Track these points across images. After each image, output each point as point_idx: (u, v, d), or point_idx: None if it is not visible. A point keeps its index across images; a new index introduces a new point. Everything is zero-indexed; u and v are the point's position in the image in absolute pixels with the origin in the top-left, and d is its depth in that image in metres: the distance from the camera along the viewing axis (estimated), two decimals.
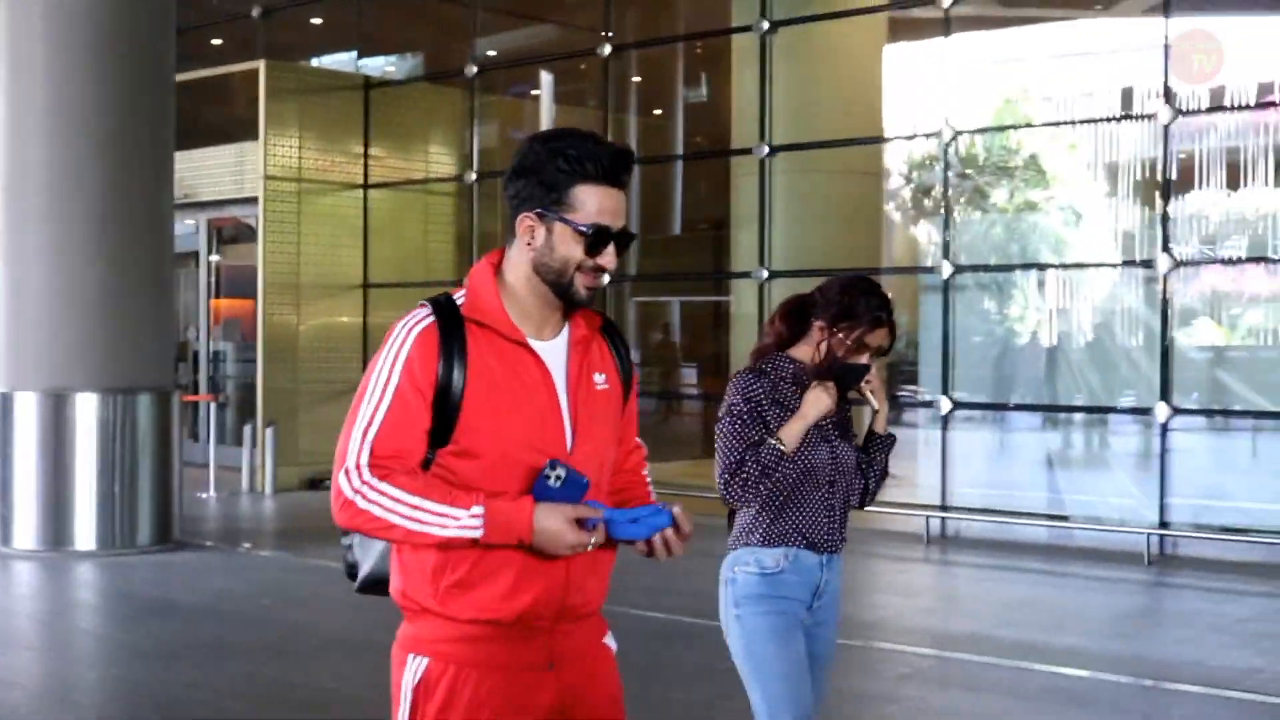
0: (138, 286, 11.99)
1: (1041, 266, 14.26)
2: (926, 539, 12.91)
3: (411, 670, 2.87)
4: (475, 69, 16.90)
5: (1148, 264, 12.55)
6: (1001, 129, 17.05)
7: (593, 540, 2.78)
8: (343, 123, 17.30)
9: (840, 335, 4.15)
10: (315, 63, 19.88)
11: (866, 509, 4.59)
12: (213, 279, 17.85)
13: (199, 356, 18.22)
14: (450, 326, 2.84)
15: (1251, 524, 11.75)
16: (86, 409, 11.72)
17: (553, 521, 2.73)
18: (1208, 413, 12.94)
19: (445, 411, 2.82)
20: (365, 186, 17.38)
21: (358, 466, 2.77)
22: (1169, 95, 12.03)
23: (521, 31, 19.69)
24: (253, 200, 16.45)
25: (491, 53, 19.54)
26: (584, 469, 2.86)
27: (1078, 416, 13.75)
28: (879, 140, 15.14)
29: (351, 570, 3.10)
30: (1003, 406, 14.04)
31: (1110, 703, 7.66)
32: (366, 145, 17.44)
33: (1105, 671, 8.09)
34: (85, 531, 11.75)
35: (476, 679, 2.84)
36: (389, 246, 17.49)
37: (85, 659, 8.91)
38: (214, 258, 17.97)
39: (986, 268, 14.62)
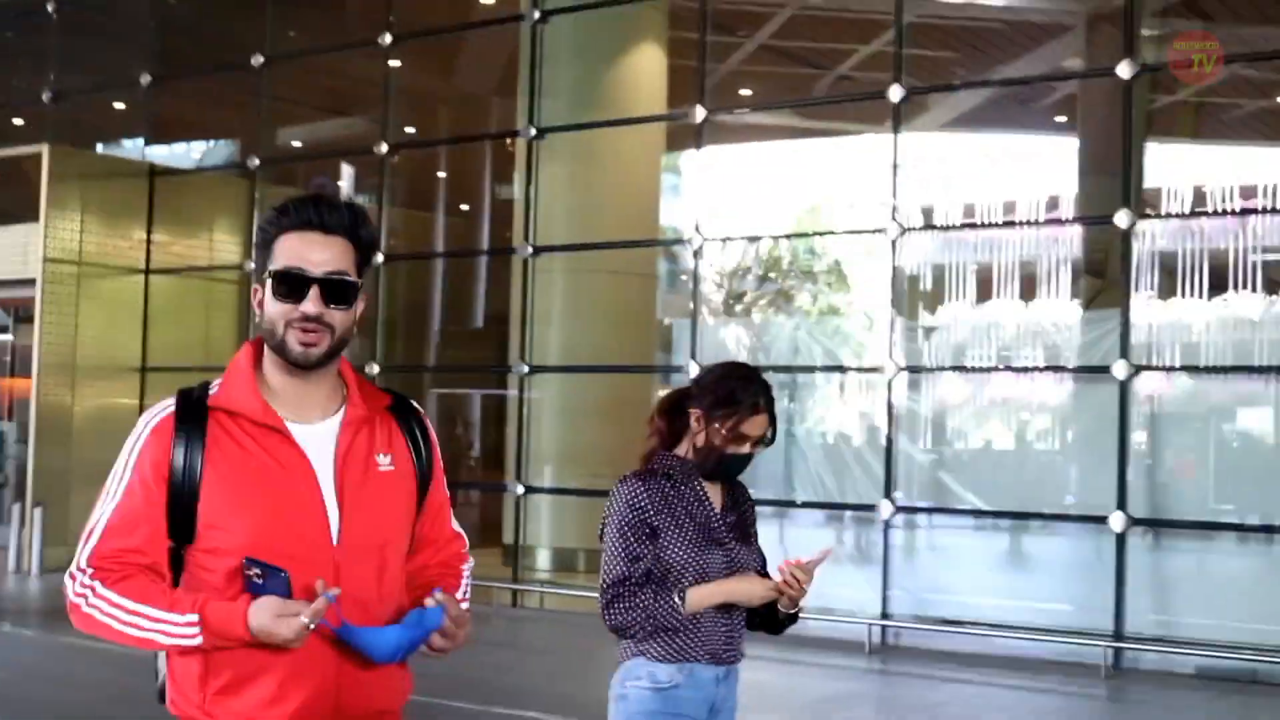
0: None
1: (776, 369, 14.42)
2: None
3: None
4: (257, 161, 16.86)
5: (876, 369, 12.82)
6: (749, 238, 17.36)
7: (310, 625, 2.50)
8: (127, 208, 17.11)
9: (718, 425, 3.85)
10: (102, 149, 19.71)
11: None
12: (6, 358, 17.54)
13: None
14: (190, 416, 2.64)
15: (967, 615, 11.95)
16: None
17: (261, 618, 2.51)
18: (928, 510, 13.17)
19: (182, 505, 2.61)
20: (147, 271, 17.18)
21: (80, 569, 2.59)
22: (894, 212, 12.37)
23: (327, 124, 19.71)
24: (33, 281, 16.12)
25: (297, 144, 19.55)
26: (357, 558, 2.67)
27: (813, 513, 13.82)
28: (634, 244, 15.27)
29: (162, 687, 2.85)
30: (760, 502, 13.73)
31: None
32: (150, 231, 17.25)
33: None
34: None
35: None
36: (169, 330, 17.26)
37: None
38: (5, 337, 17.69)
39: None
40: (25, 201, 16.28)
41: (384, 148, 15.61)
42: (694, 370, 13.27)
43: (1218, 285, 12.56)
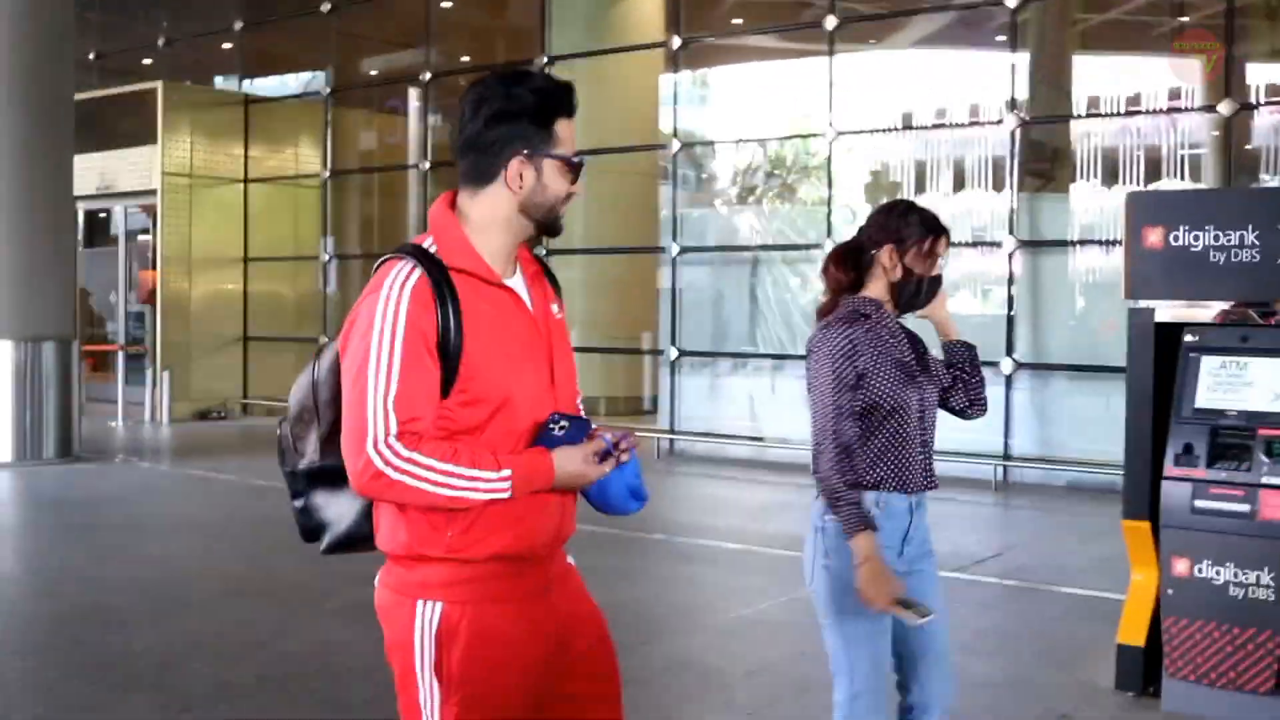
0: (44, 260, 13.40)
1: (749, 248, 15.83)
2: (656, 454, 14.78)
3: (425, 617, 2.57)
4: (328, 89, 18.63)
5: (816, 246, 14.33)
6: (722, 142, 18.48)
7: (608, 467, 2.59)
8: (227, 131, 18.78)
9: (914, 251, 3.65)
10: (206, 84, 21.11)
11: None
12: (149, 254, 18.90)
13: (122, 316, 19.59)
14: (439, 279, 2.52)
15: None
16: (3, 353, 13.21)
17: (573, 465, 2.54)
18: None
19: (446, 362, 2.50)
20: (245, 181, 18.92)
21: (386, 438, 2.45)
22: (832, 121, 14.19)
23: (402, 54, 20.21)
24: (155, 191, 17.99)
25: (373, 71, 21.08)
26: (564, 397, 2.68)
27: (772, 362, 15.10)
28: (626, 149, 16.22)
29: (311, 532, 2.78)
30: (717, 354, 15.45)
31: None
32: (246, 149, 18.95)
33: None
34: (3, 448, 13.25)
35: (494, 615, 2.58)
36: (264, 229, 18.94)
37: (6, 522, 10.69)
38: (144, 237, 19.20)
39: (703, 248, 15.73)
40: (147, 128, 18.03)
41: (427, 76, 17.30)
42: (674, 251, 15.09)
43: (1152, 175, 14.04)
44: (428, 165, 17.72)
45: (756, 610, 7.58)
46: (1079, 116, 14.53)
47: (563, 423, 2.59)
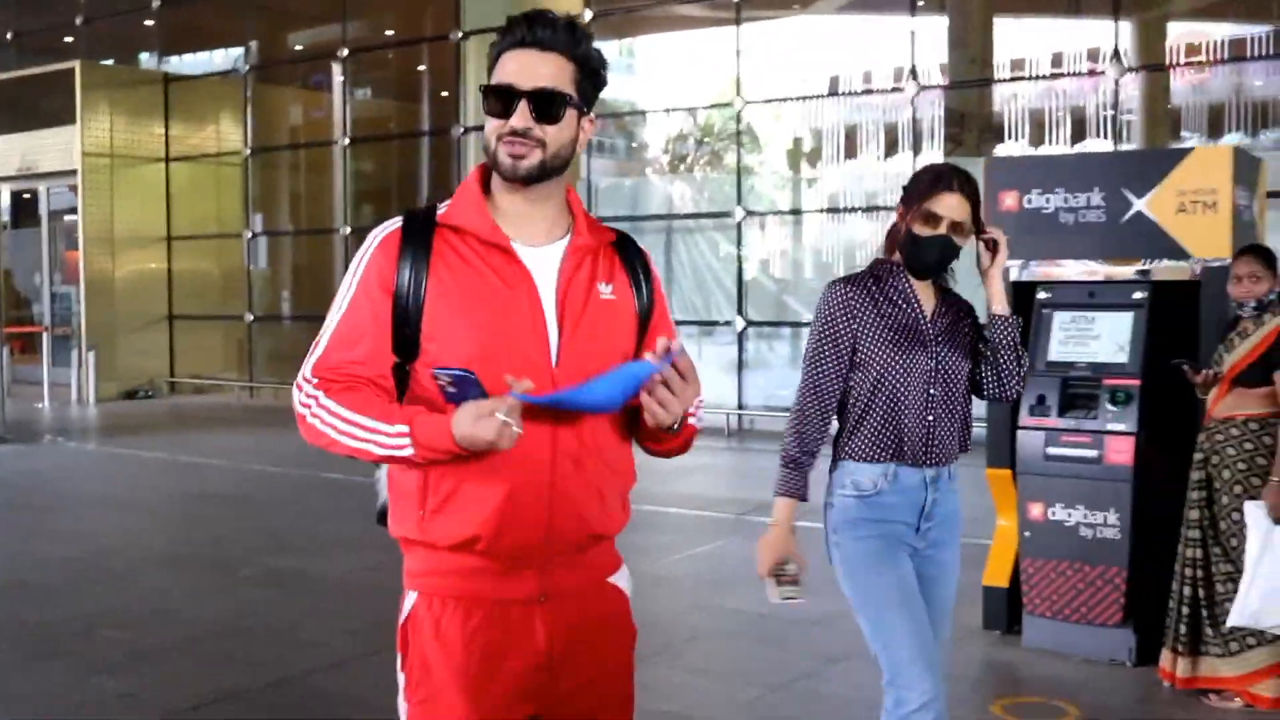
0: None
1: (660, 217, 16.28)
2: None
3: (404, 606, 2.42)
4: (246, 66, 18.70)
5: (727, 214, 14.84)
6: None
7: (515, 427, 2.17)
8: (147, 109, 18.85)
9: (913, 210, 3.45)
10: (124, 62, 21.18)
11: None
12: (77, 235, 18.78)
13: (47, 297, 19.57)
14: (416, 232, 2.36)
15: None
16: None
17: (461, 425, 2.19)
18: (773, 324, 15.14)
19: (408, 320, 2.32)
20: (166, 160, 19.00)
21: (305, 379, 2.34)
22: (738, 88, 14.46)
23: (329, 28, 19.85)
24: (76, 172, 18.04)
25: (298, 47, 21.04)
26: (574, 380, 2.32)
27: (687, 328, 15.24)
28: None
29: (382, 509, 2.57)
30: None
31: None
32: (167, 127, 19.00)
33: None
34: None
35: (462, 613, 2.34)
36: (187, 207, 19.06)
37: None
38: (70, 217, 19.13)
39: (618, 218, 15.56)
40: (67, 107, 18.03)
41: (344, 52, 17.53)
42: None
43: (1078, 135, 14.40)
44: (348, 140, 17.89)
45: (658, 566, 7.89)
46: (984, 82, 14.90)
47: (445, 378, 2.26)
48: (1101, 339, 5.71)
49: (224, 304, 18.88)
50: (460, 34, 16.32)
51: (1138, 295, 5.66)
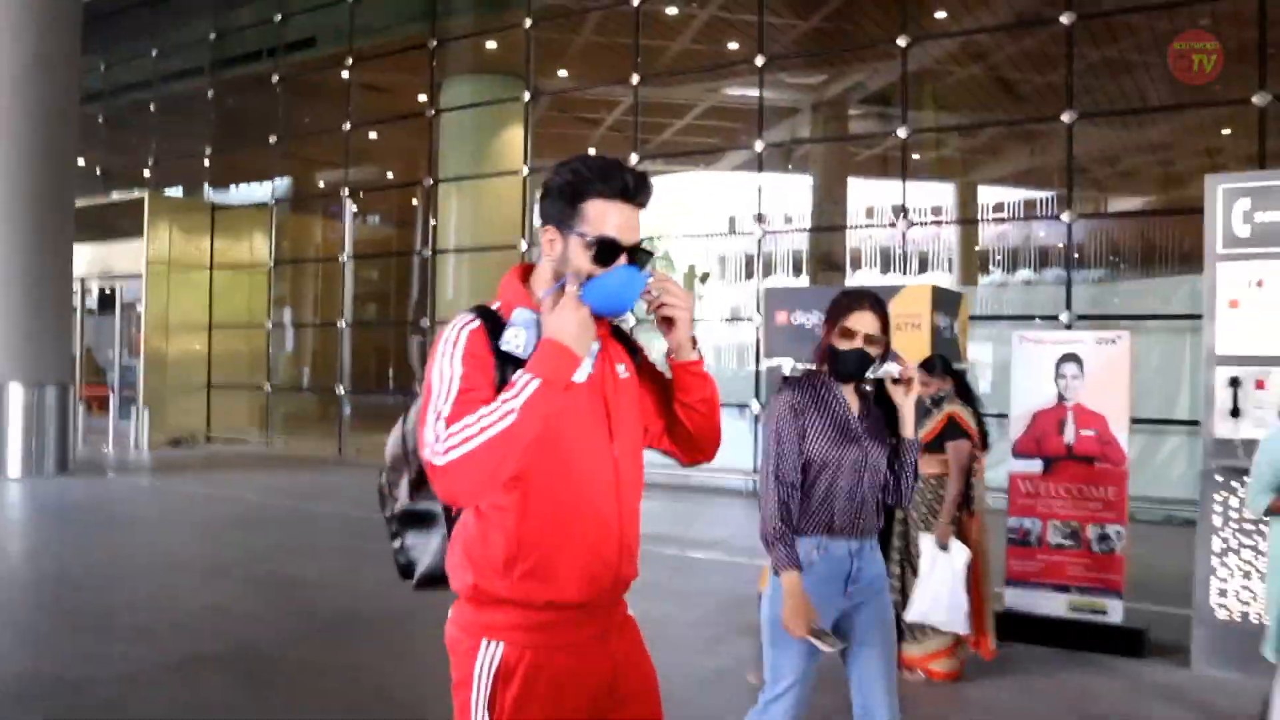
0: (45, 324, 13.64)
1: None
2: None
3: (486, 656, 2.13)
4: (274, 200, 18.97)
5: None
6: None
7: (572, 289, 2.07)
8: (197, 229, 19.11)
9: (831, 325, 3.31)
10: (181, 193, 21.36)
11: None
12: (139, 322, 18.93)
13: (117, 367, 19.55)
14: (495, 329, 2.12)
15: None
16: (17, 393, 13.44)
17: (556, 325, 2.04)
18: None
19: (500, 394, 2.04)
20: (211, 268, 19.23)
21: (435, 438, 2.00)
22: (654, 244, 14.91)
23: (337, 171, 20.87)
24: (140, 275, 18.29)
25: (320, 184, 21.32)
26: (624, 455, 2.18)
27: None
28: (490, 248, 16.69)
29: (405, 570, 2.37)
30: None
31: None
32: (212, 243, 19.25)
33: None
34: (14, 464, 13.47)
35: (549, 659, 2.13)
36: (224, 303, 19.24)
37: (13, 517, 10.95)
38: (137, 308, 19.03)
39: None
40: (137, 225, 18.28)
41: (345, 191, 17.91)
42: None
43: (923, 268, 14.98)
44: (345, 257, 18.16)
45: None
46: (810, 229, 15.53)
47: (514, 336, 2.09)
48: None
49: (250, 375, 19.01)
50: (431, 181, 16.65)
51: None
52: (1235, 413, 5.67)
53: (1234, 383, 5.68)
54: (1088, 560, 6.14)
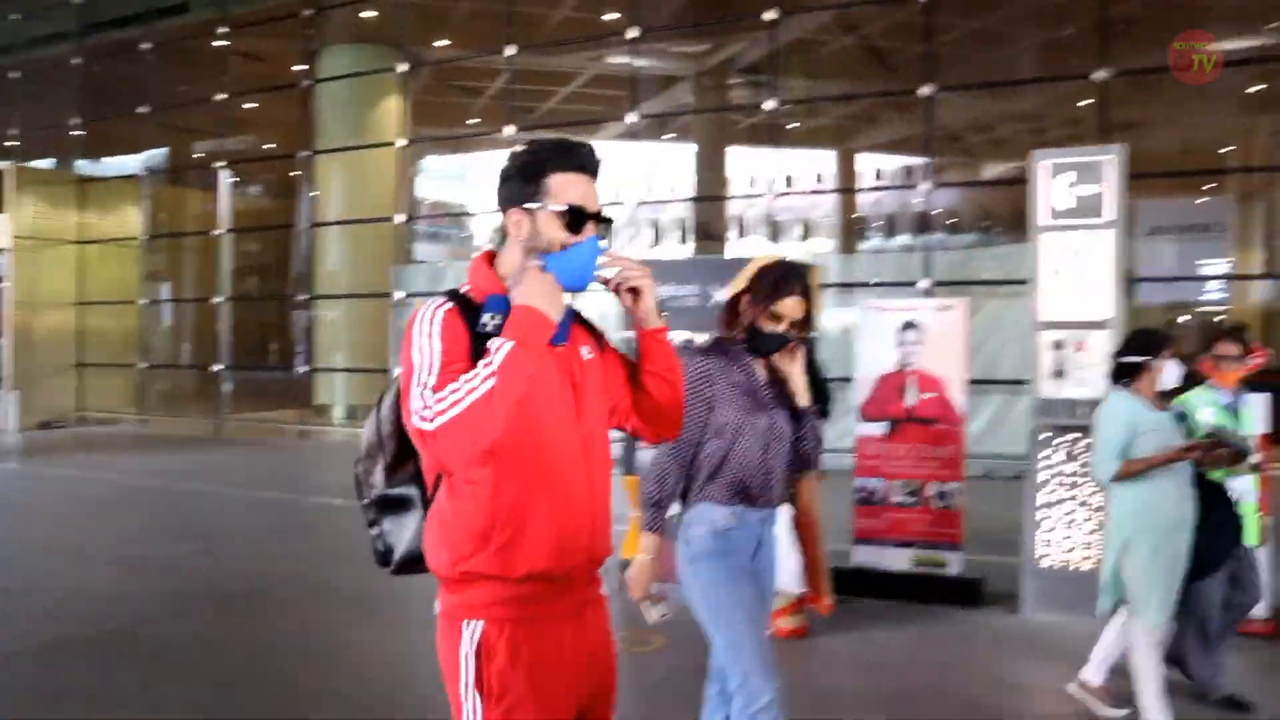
0: None
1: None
2: None
3: (468, 636, 2.15)
4: (146, 172, 18.61)
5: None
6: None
7: (534, 263, 2.12)
8: (64, 202, 18.58)
9: (758, 305, 3.24)
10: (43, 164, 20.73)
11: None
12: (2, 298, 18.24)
13: None
14: (468, 312, 2.15)
15: None
16: None
17: (525, 286, 2.10)
18: None
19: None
20: (78, 242, 18.71)
21: (423, 405, 2.03)
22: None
23: (216, 141, 20.09)
24: (4, 250, 17.71)
25: (197, 155, 20.88)
26: (592, 434, 2.24)
27: None
28: (365, 220, 16.71)
29: (383, 556, 2.34)
30: None
31: None
32: (79, 216, 18.75)
33: None
34: None
35: (530, 634, 2.16)
36: (92, 279, 18.74)
37: None
38: (5, 285, 18.47)
39: (417, 294, 15.72)
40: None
41: (219, 164, 17.65)
42: (398, 296, 15.50)
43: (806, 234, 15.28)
44: (221, 231, 17.85)
45: None
46: (686, 199, 15.74)
47: (491, 319, 2.13)
48: None
49: (122, 355, 18.61)
50: (307, 153, 16.43)
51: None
52: (1059, 374, 6.06)
53: (1057, 346, 6.06)
54: (929, 517, 6.51)
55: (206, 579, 7.28)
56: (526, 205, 2.18)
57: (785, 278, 3.25)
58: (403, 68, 16.13)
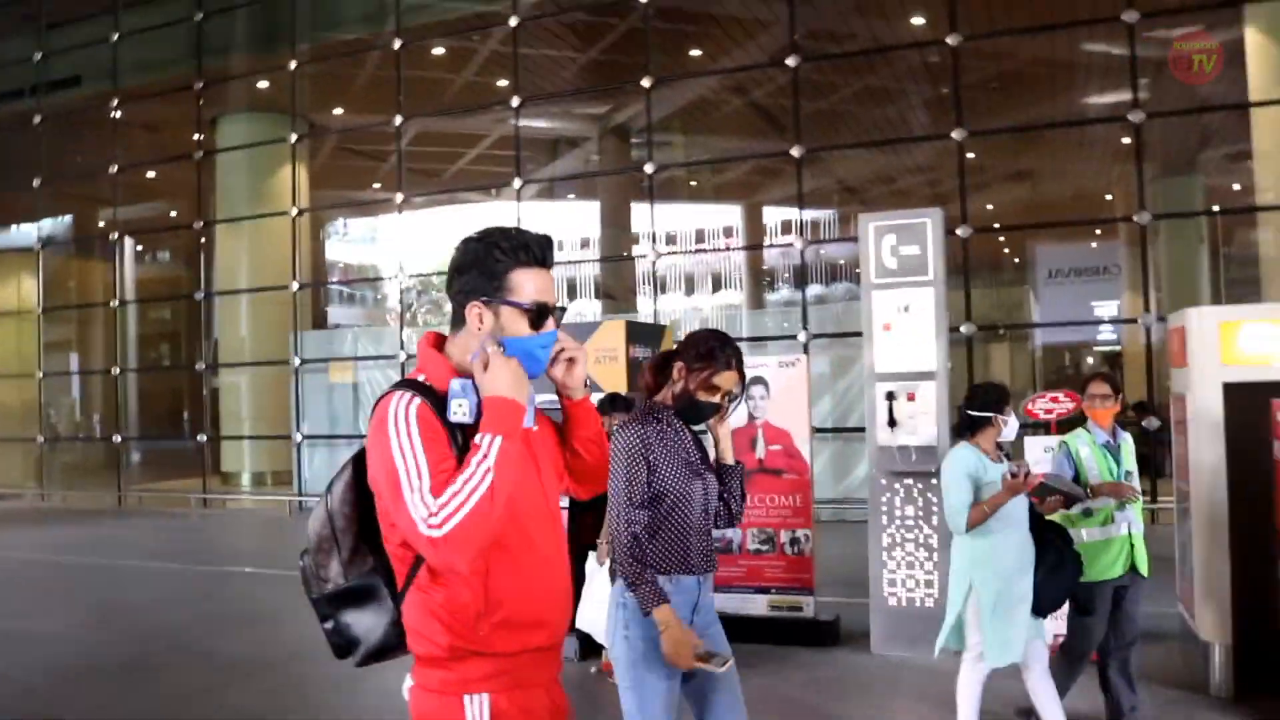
0: None
1: (352, 359, 16.41)
2: (289, 512, 15.50)
3: (474, 709, 2.19)
4: (40, 243, 18.53)
5: (391, 357, 15.68)
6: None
7: (495, 349, 2.16)
8: None
9: (696, 375, 3.26)
10: None
11: None
12: None
13: None
14: (435, 402, 2.17)
15: None
16: None
17: (494, 384, 2.12)
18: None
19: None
20: None
21: (427, 513, 2.03)
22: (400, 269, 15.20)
23: (134, 207, 19.97)
24: None
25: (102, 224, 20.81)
26: (554, 501, 2.34)
27: None
28: (267, 289, 16.79)
29: (343, 649, 2.33)
30: (332, 436, 16.24)
31: None
32: None
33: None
34: None
35: (531, 698, 2.25)
36: None
37: None
38: None
39: (318, 359, 16.17)
40: None
41: (115, 235, 17.71)
42: (296, 363, 15.70)
43: (717, 287, 15.69)
44: (117, 301, 17.93)
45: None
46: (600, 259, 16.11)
47: (459, 407, 2.17)
48: None
49: (23, 428, 18.46)
50: (201, 223, 16.60)
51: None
52: (892, 423, 6.53)
53: (890, 396, 6.54)
54: (783, 562, 6.91)
55: (90, 651, 7.39)
56: (488, 300, 2.21)
57: (726, 353, 3.30)
58: (293, 137, 16.40)
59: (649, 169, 14.35)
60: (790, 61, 13.25)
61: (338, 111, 18.80)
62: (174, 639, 7.69)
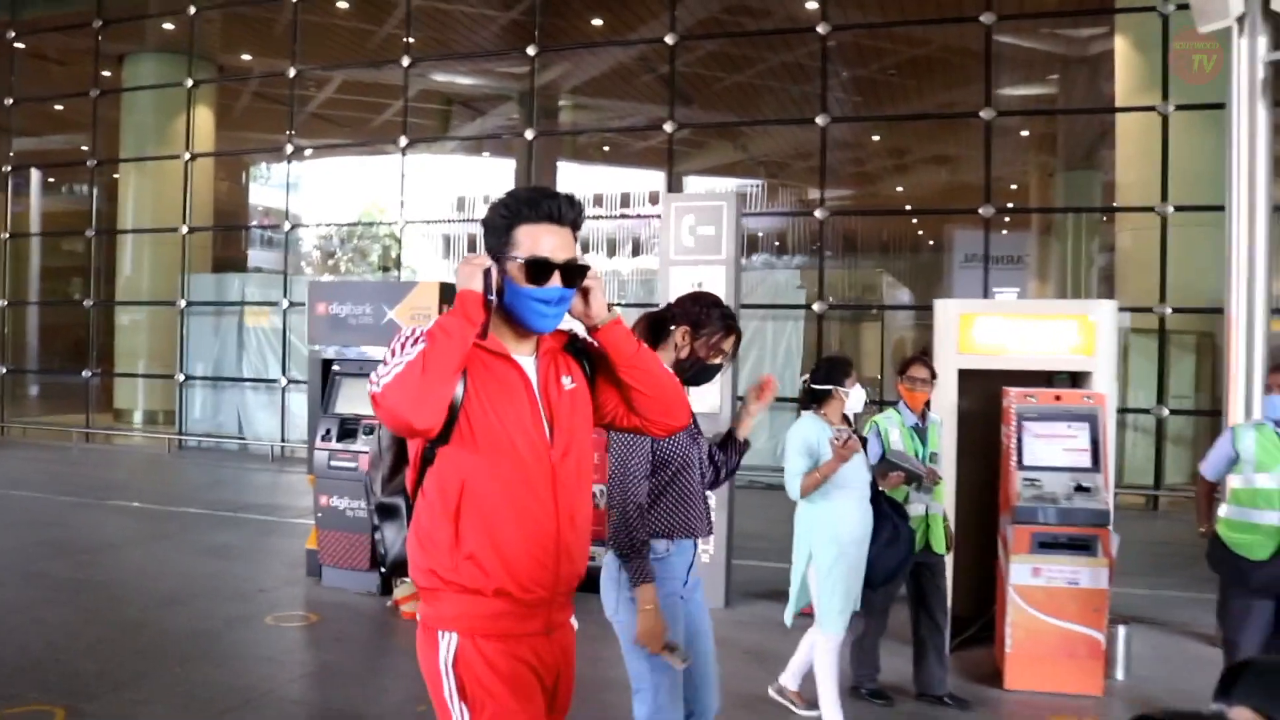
0: None
1: (236, 303, 16.35)
2: (167, 449, 15.80)
3: (445, 646, 2.29)
4: None
5: (274, 303, 15.79)
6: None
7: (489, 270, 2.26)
8: None
9: (704, 339, 3.32)
10: None
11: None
12: None
13: None
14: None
15: None
16: None
17: (459, 276, 2.26)
18: None
19: (449, 413, 2.24)
20: None
21: (375, 378, 2.17)
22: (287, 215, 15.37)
23: (55, 137, 20.26)
24: None
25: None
26: (563, 455, 2.33)
27: (252, 384, 15.85)
28: (163, 230, 16.92)
29: (382, 558, 2.54)
30: (215, 378, 16.23)
31: None
32: None
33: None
34: None
35: (503, 649, 2.29)
36: None
37: None
38: None
39: (206, 302, 16.23)
40: None
41: (92, 163, 17.26)
42: (182, 304, 15.99)
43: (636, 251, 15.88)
44: (7, 235, 18.00)
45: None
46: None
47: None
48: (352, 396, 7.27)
49: None
50: (95, 161, 16.69)
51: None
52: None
53: None
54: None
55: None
56: (497, 256, 2.31)
57: (731, 317, 3.42)
58: (189, 82, 16.53)
59: (529, 134, 14.78)
60: (669, 39, 13.77)
61: (246, 57, 18.95)
62: (8, 560, 8.01)
